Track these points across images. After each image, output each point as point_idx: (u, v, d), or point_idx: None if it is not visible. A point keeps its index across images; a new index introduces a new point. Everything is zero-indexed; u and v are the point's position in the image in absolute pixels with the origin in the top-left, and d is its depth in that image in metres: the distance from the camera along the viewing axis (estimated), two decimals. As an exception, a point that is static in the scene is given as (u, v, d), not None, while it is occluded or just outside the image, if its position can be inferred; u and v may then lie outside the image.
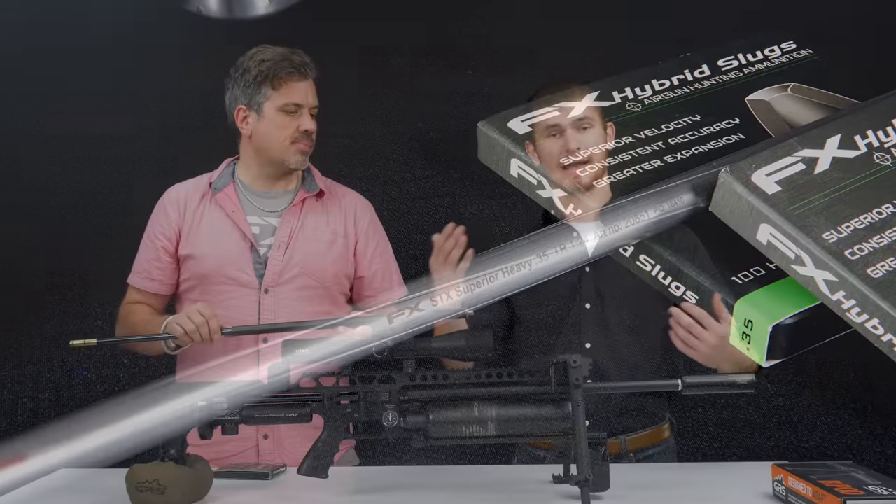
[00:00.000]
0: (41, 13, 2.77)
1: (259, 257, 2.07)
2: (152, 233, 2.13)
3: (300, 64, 2.07)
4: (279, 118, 2.06)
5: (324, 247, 2.10)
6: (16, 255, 2.76)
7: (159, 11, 2.76)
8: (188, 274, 2.09)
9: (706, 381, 1.56)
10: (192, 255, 2.08)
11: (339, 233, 2.13)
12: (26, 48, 2.76)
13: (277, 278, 2.05)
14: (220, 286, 2.06)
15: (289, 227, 2.09)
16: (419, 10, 2.77)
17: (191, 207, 2.11)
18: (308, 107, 2.08)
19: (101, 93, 2.76)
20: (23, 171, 2.77)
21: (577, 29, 2.75)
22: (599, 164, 2.01)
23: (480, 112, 2.71)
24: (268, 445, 2.03)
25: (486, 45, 2.78)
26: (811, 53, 2.18)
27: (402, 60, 2.78)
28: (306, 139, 2.09)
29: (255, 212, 2.11)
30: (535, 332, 2.06)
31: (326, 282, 2.10)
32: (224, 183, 2.13)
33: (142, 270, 2.13)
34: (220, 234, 2.08)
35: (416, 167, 2.80)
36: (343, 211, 2.16)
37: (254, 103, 2.07)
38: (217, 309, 2.01)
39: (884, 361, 2.74)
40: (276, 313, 2.04)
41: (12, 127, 2.77)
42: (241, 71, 2.09)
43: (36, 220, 2.76)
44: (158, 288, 2.12)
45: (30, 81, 2.77)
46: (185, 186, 2.16)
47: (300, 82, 2.07)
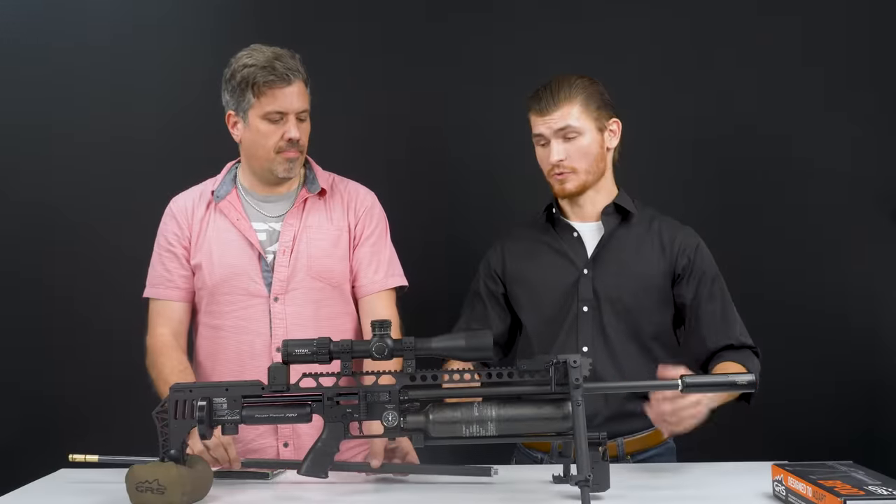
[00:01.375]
0: (41, 13, 2.78)
1: (266, 265, 2.03)
2: (167, 242, 2.07)
3: (283, 70, 1.95)
4: (263, 126, 1.98)
5: (329, 246, 2.06)
6: (14, 257, 2.77)
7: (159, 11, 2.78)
8: (198, 284, 2.05)
9: (706, 381, 1.57)
10: (200, 266, 2.04)
11: (342, 228, 2.08)
12: (26, 48, 2.76)
13: (286, 285, 2.01)
14: (229, 296, 2.02)
15: (291, 231, 2.04)
16: (416, 9, 2.77)
17: (197, 216, 2.06)
18: (294, 112, 1.98)
19: (100, 93, 2.77)
20: (22, 171, 2.77)
21: (578, 29, 2.76)
22: (591, 172, 2.01)
23: (481, 111, 2.73)
24: (288, 454, 2.00)
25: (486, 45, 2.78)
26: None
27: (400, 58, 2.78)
28: (292, 148, 1.99)
29: (259, 217, 2.07)
30: (535, 335, 2.06)
31: (335, 281, 2.05)
32: (226, 190, 2.08)
33: (163, 281, 2.06)
34: (226, 243, 2.04)
35: (416, 167, 2.80)
36: (345, 204, 2.11)
37: (240, 110, 2.00)
38: (227, 319, 2.01)
39: (884, 361, 2.76)
40: (286, 321, 2.00)
41: (11, 126, 2.77)
42: (229, 74, 2.01)
43: (34, 221, 2.77)
44: (182, 296, 2.06)
45: (29, 81, 2.77)
46: (190, 195, 2.11)
47: (284, 88, 1.96)
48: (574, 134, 1.99)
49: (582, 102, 1.99)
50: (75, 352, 2.73)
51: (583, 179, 2.02)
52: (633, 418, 1.98)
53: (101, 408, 2.70)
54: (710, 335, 1.99)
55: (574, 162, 2.00)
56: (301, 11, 2.77)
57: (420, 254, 2.38)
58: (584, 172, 2.01)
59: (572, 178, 2.01)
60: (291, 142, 1.99)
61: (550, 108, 1.99)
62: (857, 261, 2.72)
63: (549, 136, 2.01)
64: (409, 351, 1.54)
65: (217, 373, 2.03)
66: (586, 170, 2.01)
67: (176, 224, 2.08)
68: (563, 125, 1.99)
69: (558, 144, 2.00)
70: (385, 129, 2.78)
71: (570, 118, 1.98)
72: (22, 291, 2.75)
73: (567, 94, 1.99)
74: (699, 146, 2.74)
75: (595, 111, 2.01)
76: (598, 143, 2.02)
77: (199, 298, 2.06)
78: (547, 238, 2.10)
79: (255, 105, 1.97)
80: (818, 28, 2.72)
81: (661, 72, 2.73)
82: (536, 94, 2.02)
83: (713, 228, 2.25)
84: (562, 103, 1.99)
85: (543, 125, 2.01)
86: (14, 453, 2.70)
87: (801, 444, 2.35)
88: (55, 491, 1.74)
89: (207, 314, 2.05)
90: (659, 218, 2.10)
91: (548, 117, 2.00)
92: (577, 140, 2.00)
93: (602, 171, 2.05)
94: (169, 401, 1.58)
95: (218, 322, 2.03)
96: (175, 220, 2.08)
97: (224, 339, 2.03)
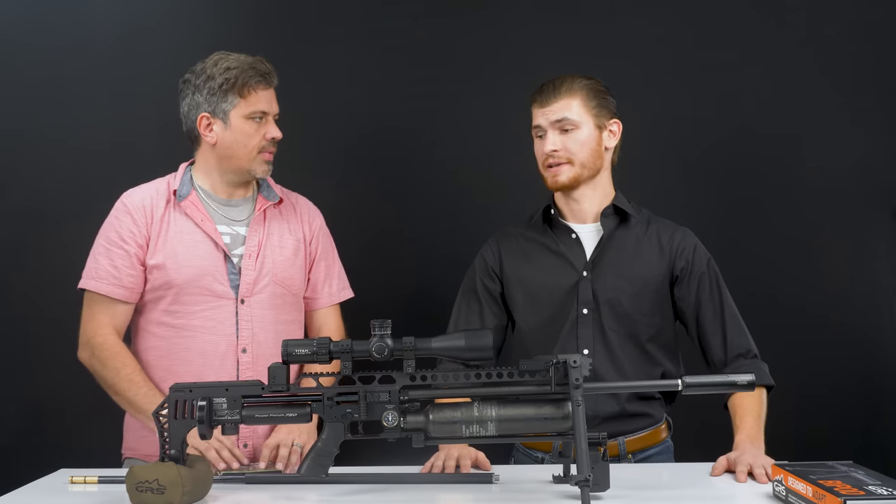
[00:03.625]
0: (41, 13, 2.77)
1: (233, 267, 2.06)
2: (120, 238, 2.04)
3: (266, 72, 2.05)
4: (246, 126, 2.03)
5: (290, 254, 2.13)
6: (13, 257, 2.76)
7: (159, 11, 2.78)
8: (157, 283, 2.03)
9: (706, 381, 1.56)
10: (162, 265, 2.02)
11: (300, 239, 2.16)
12: (26, 48, 2.76)
13: (252, 288, 2.06)
14: (195, 297, 2.03)
15: (257, 237, 2.09)
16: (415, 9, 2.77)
17: (157, 214, 2.06)
18: (272, 114, 2.07)
19: (100, 94, 2.77)
20: (20, 172, 2.77)
21: (578, 30, 2.76)
22: (586, 166, 2.01)
23: (482, 111, 2.73)
24: (247, 453, 2.02)
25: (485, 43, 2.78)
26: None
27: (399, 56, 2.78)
28: (272, 147, 2.07)
29: (222, 221, 2.09)
30: (532, 336, 2.06)
31: (294, 289, 2.13)
32: (186, 190, 2.09)
33: (109, 276, 2.03)
34: (191, 243, 2.04)
35: (414, 165, 2.80)
36: (299, 217, 2.18)
37: (219, 111, 2.03)
38: (192, 319, 2.02)
39: (884, 361, 2.76)
40: (252, 323, 2.05)
41: (12, 127, 2.77)
42: (203, 78, 2.04)
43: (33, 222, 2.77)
44: (128, 296, 2.04)
45: (29, 81, 2.77)
46: (146, 191, 2.09)
47: (265, 90, 2.05)
48: (571, 126, 1.99)
49: (583, 98, 2.00)
50: (75, 351, 2.73)
51: (577, 172, 2.01)
52: (632, 419, 1.98)
53: (101, 408, 2.69)
54: (715, 345, 2.00)
55: (568, 153, 2.00)
56: (299, 12, 2.77)
57: (418, 254, 2.39)
58: (578, 164, 2.01)
59: (565, 170, 2.01)
60: (273, 141, 2.07)
61: (550, 99, 2.00)
62: (857, 261, 2.72)
63: (547, 127, 2.01)
64: (409, 351, 1.54)
65: (174, 373, 2.00)
66: (581, 162, 2.01)
67: (131, 220, 2.05)
68: (560, 116, 1.99)
69: (554, 136, 2.00)
70: (384, 129, 2.78)
71: (568, 110, 1.99)
72: (20, 291, 2.75)
73: (569, 87, 2.00)
74: (699, 147, 2.74)
75: (595, 108, 2.01)
76: (596, 140, 2.02)
77: (157, 297, 2.04)
78: (544, 239, 2.10)
79: (239, 105, 2.03)
80: (822, 28, 2.72)
81: (662, 72, 2.73)
82: (540, 88, 2.04)
83: (713, 229, 2.26)
84: (562, 96, 2.00)
85: (542, 116, 2.01)
86: (14, 453, 2.70)
87: (801, 444, 2.35)
88: (55, 491, 1.74)
89: (168, 313, 2.04)
90: (656, 220, 2.10)
91: (547, 108, 2.00)
92: (574, 133, 2.00)
93: (598, 169, 2.04)
94: (169, 401, 1.58)
95: (182, 322, 2.03)
96: (130, 217, 2.06)
97: (185, 337, 2.03)
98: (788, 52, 2.72)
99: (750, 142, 2.73)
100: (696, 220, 2.25)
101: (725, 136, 2.74)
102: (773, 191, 2.73)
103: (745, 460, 1.71)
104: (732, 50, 2.72)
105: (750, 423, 1.84)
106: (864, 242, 2.72)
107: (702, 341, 2.02)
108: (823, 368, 2.68)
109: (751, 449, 1.77)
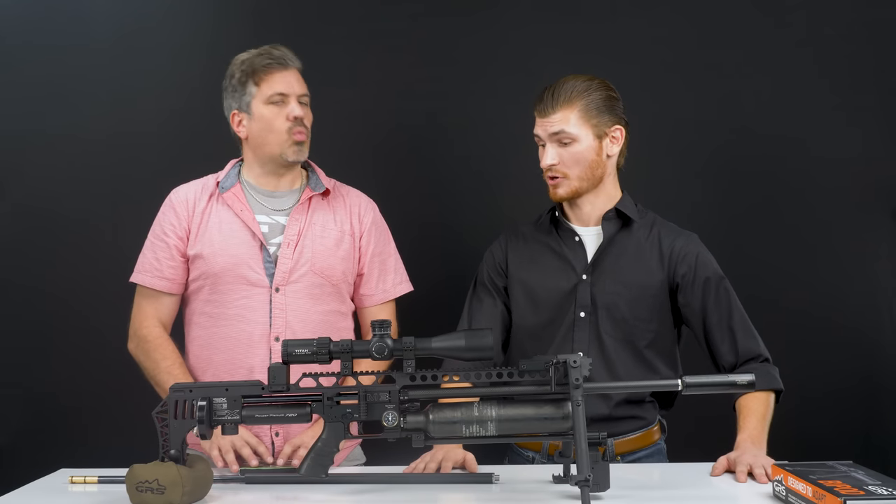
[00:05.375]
0: (41, 13, 2.77)
1: (269, 256, 2.07)
2: (162, 231, 2.11)
3: (279, 56, 2.07)
4: (267, 111, 2.06)
5: (332, 245, 2.12)
6: (13, 256, 2.76)
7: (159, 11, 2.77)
8: (197, 273, 2.09)
9: (706, 380, 1.56)
10: (201, 255, 2.07)
11: (345, 231, 2.15)
12: (26, 48, 2.76)
13: (288, 276, 2.06)
14: (231, 285, 2.06)
15: (297, 226, 2.10)
16: (415, 8, 2.77)
17: (199, 207, 2.11)
18: (295, 95, 2.08)
19: (100, 94, 2.77)
20: (21, 171, 2.77)
21: (578, 31, 2.76)
22: (584, 180, 2.00)
23: (481, 111, 2.73)
24: (279, 443, 2.03)
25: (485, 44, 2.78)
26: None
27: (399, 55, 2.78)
28: (299, 126, 2.08)
29: (263, 211, 2.12)
30: (529, 337, 2.06)
31: (335, 279, 2.11)
32: (231, 183, 2.13)
33: (152, 269, 2.11)
34: (229, 233, 2.08)
35: (414, 166, 2.80)
36: (348, 209, 2.18)
37: (243, 105, 2.09)
38: (229, 308, 2.04)
39: (885, 362, 2.76)
40: (286, 312, 2.05)
41: (12, 127, 2.77)
42: (228, 79, 2.12)
43: (36, 222, 2.77)
44: (170, 287, 2.11)
45: (29, 81, 2.77)
46: (192, 187, 2.16)
47: (282, 72, 2.07)
48: (569, 140, 1.98)
49: (581, 108, 1.97)
50: (74, 352, 2.73)
51: (574, 186, 2.01)
52: (620, 421, 1.98)
53: (101, 408, 2.70)
54: (724, 350, 1.98)
55: (566, 168, 1.99)
56: (300, 12, 2.77)
57: (418, 254, 2.38)
58: (576, 179, 2.00)
59: (564, 184, 2.01)
60: (297, 120, 2.07)
61: (548, 110, 1.98)
62: (858, 262, 2.72)
63: (545, 139, 2.00)
64: (409, 351, 1.55)
65: (212, 363, 2.06)
66: (578, 176, 2.00)
67: (174, 214, 2.12)
68: (558, 129, 1.98)
69: (552, 148, 1.99)
70: (383, 129, 2.78)
71: (565, 123, 1.97)
72: (21, 291, 2.75)
73: (567, 98, 1.97)
74: (699, 147, 2.74)
75: (595, 118, 1.98)
76: (595, 151, 2.00)
77: (198, 288, 2.09)
78: (549, 240, 2.09)
79: (258, 93, 2.07)
80: (821, 28, 2.72)
81: (663, 72, 2.73)
82: (540, 95, 2.02)
83: (714, 230, 2.25)
84: (560, 107, 1.97)
85: (541, 127, 2.01)
86: (14, 453, 2.70)
87: (801, 444, 2.35)
88: (55, 491, 1.74)
89: (208, 303, 2.08)
90: (660, 224, 2.08)
91: (545, 120, 1.99)
92: (572, 146, 1.98)
93: (598, 179, 2.03)
94: (169, 401, 1.58)
95: (219, 311, 2.07)
96: (173, 211, 2.12)
97: (223, 326, 2.06)
98: (788, 53, 2.72)
99: (749, 142, 2.73)
100: (696, 220, 2.25)
101: (726, 136, 2.74)
102: (773, 191, 2.73)
103: (745, 460, 1.71)
104: (732, 50, 2.72)
105: (753, 423, 1.84)
106: (864, 243, 2.72)
107: (710, 347, 2.01)
108: (824, 369, 2.68)
109: (751, 449, 1.77)
